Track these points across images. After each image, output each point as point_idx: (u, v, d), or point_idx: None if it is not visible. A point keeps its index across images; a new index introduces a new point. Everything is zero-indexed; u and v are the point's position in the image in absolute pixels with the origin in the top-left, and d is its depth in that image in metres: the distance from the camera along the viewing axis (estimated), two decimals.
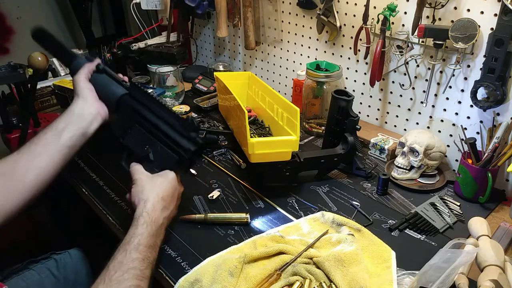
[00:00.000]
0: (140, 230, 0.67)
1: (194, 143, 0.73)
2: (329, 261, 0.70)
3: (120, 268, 0.61)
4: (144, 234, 0.67)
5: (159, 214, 0.71)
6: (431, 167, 0.99)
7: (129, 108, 0.76)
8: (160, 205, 0.71)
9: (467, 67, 0.96)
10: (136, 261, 0.63)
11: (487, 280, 0.65)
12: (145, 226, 0.67)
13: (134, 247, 0.64)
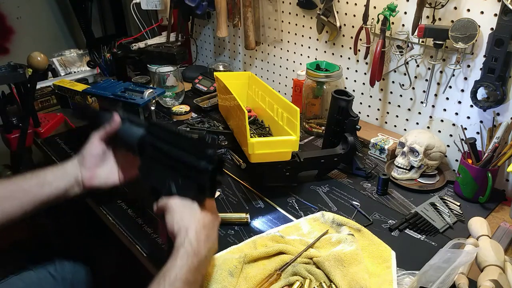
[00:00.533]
0: (179, 263, 0.58)
1: (210, 162, 0.66)
2: (329, 261, 0.70)
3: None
4: (183, 267, 0.58)
5: (203, 244, 0.61)
6: (431, 167, 0.99)
7: (149, 147, 0.74)
8: (203, 234, 0.62)
9: (467, 67, 0.96)
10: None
11: (487, 280, 0.65)
12: (186, 258, 0.59)
13: (170, 283, 0.56)
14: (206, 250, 0.61)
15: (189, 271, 0.58)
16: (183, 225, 0.61)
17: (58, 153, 1.11)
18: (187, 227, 0.61)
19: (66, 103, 1.35)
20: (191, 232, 0.61)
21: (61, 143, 1.16)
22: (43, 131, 1.20)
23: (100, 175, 0.77)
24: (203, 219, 0.63)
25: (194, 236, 0.60)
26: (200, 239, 0.61)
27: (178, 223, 0.62)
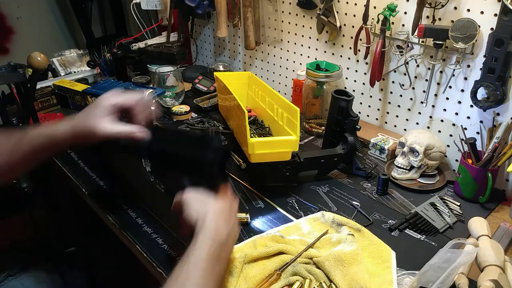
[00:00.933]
0: (198, 246, 0.59)
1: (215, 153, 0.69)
2: (329, 261, 0.70)
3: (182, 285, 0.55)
4: (203, 251, 0.58)
5: (221, 228, 0.62)
6: (431, 167, 0.99)
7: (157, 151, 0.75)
8: (221, 219, 0.63)
9: (467, 67, 0.96)
10: (194, 278, 0.56)
11: (487, 280, 0.65)
12: (205, 243, 0.59)
13: (191, 266, 0.57)
14: (226, 234, 0.62)
15: (209, 255, 0.58)
16: (200, 214, 0.62)
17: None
18: (204, 215, 0.62)
19: (66, 103, 1.35)
20: (208, 218, 0.62)
21: None
22: None
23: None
24: (219, 205, 0.64)
25: (212, 222, 0.61)
26: (218, 224, 0.62)
27: (195, 213, 0.63)
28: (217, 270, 0.59)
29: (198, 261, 0.57)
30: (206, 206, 0.64)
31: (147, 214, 0.88)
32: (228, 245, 0.63)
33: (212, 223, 0.61)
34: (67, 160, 1.08)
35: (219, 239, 0.61)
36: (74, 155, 1.10)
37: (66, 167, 1.05)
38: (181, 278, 0.56)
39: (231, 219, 0.65)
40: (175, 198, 0.67)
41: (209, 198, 0.66)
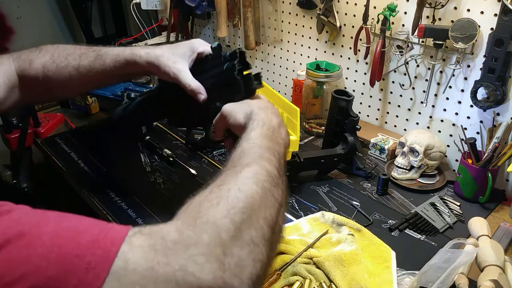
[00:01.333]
0: (250, 126, 0.56)
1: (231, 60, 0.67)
2: (329, 261, 0.70)
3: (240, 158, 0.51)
4: (256, 129, 0.56)
5: (272, 116, 0.59)
6: (431, 167, 0.99)
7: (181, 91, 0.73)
8: (269, 110, 0.61)
9: (467, 67, 0.96)
10: (255, 148, 0.52)
11: (487, 280, 0.65)
12: (256, 123, 0.57)
13: (250, 142, 0.53)
14: (277, 122, 0.59)
15: (262, 134, 0.55)
16: (246, 112, 0.60)
17: (58, 153, 1.11)
18: (250, 110, 0.60)
19: (66, 103, 1.35)
20: (255, 109, 0.60)
21: (61, 143, 1.16)
22: (43, 131, 1.20)
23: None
24: (262, 101, 0.63)
25: (260, 111, 0.59)
26: (267, 113, 0.59)
27: (242, 113, 0.61)
28: (273, 148, 0.54)
29: (252, 139, 0.54)
30: (250, 105, 0.62)
31: (147, 214, 0.88)
32: (281, 132, 0.59)
33: (261, 111, 0.59)
34: (67, 160, 1.08)
35: (271, 124, 0.58)
36: (74, 155, 1.10)
37: (66, 168, 1.05)
38: (236, 156, 0.52)
39: (278, 115, 0.62)
40: (214, 120, 0.66)
41: (248, 102, 0.63)
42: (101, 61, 0.72)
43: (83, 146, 1.13)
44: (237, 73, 0.67)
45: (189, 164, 1.04)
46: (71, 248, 0.34)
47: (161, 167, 1.04)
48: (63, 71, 0.72)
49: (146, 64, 0.70)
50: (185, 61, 0.70)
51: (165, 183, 0.98)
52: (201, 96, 0.69)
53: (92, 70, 0.72)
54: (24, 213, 0.37)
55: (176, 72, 0.69)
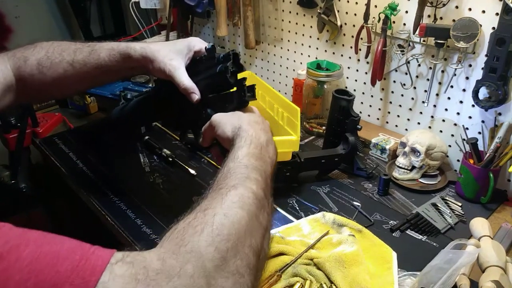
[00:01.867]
0: (238, 144, 0.55)
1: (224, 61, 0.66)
2: (329, 262, 0.70)
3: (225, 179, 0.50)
4: (243, 147, 0.55)
5: (260, 132, 0.59)
6: (432, 167, 0.98)
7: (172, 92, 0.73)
8: (257, 125, 0.60)
9: (468, 67, 0.95)
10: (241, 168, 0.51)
11: (488, 281, 0.65)
12: (244, 140, 0.56)
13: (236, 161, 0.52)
14: (265, 139, 0.58)
15: (249, 153, 0.54)
16: (235, 126, 0.59)
17: (56, 153, 1.11)
18: (239, 125, 0.59)
19: (65, 103, 1.34)
20: (244, 125, 0.59)
21: (59, 143, 1.15)
22: (41, 131, 1.19)
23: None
24: (252, 116, 0.63)
25: (248, 127, 0.59)
26: (256, 129, 0.59)
27: (230, 126, 0.60)
28: (260, 167, 0.53)
29: (238, 158, 0.52)
30: (239, 119, 0.61)
31: (146, 215, 0.87)
32: (269, 150, 0.58)
33: (249, 127, 0.58)
34: (66, 161, 1.07)
35: (259, 142, 0.57)
36: (73, 155, 1.10)
37: (64, 168, 1.05)
38: (222, 177, 0.50)
39: (267, 130, 0.62)
40: (203, 129, 0.65)
41: (238, 114, 0.63)
42: (95, 56, 0.71)
43: (81, 146, 1.12)
44: (230, 75, 0.66)
45: (188, 164, 1.04)
46: (50, 276, 0.33)
47: (160, 167, 1.04)
48: (57, 67, 0.71)
49: (141, 58, 0.69)
50: (181, 59, 0.69)
51: (164, 183, 0.97)
52: (194, 96, 0.67)
53: (86, 65, 0.71)
54: (4, 233, 0.35)
55: (171, 69, 0.67)
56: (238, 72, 0.68)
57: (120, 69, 0.73)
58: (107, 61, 0.71)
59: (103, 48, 0.71)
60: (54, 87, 0.73)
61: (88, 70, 0.71)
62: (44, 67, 0.70)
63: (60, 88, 0.75)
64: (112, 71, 0.73)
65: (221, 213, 0.43)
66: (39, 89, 0.73)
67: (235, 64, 0.67)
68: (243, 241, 0.42)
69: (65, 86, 0.74)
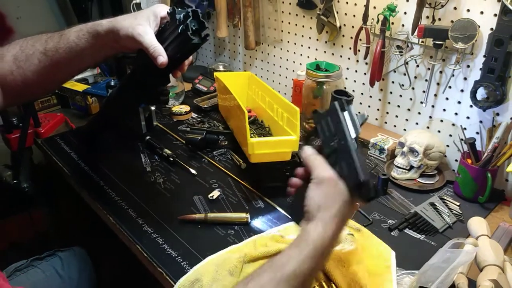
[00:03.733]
0: (301, 256, 0.51)
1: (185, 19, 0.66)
2: (328, 260, 0.70)
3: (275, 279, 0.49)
4: (305, 261, 0.51)
5: (330, 233, 0.53)
6: (430, 167, 0.99)
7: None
8: (335, 223, 0.53)
9: (466, 67, 0.96)
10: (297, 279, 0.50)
11: (486, 280, 0.65)
12: (309, 250, 0.51)
13: (285, 280, 0.50)
14: (331, 239, 0.53)
15: (308, 265, 0.51)
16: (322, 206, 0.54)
17: (58, 153, 1.11)
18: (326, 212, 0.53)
19: (67, 103, 1.35)
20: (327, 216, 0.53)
21: (61, 143, 1.16)
22: (43, 131, 1.20)
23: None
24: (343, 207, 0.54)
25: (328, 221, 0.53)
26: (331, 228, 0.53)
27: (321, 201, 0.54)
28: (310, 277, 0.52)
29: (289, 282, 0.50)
30: (332, 201, 0.54)
31: (147, 214, 0.88)
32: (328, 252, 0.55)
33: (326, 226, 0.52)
34: (67, 160, 1.08)
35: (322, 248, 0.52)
36: (74, 155, 1.10)
37: (66, 167, 1.05)
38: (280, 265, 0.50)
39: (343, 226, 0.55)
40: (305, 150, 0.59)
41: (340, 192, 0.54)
42: (65, 40, 0.71)
43: (82, 148, 1.12)
44: (192, 33, 0.66)
45: (189, 164, 1.04)
46: None
47: (161, 167, 1.05)
48: (32, 58, 0.71)
49: (109, 31, 0.68)
50: (148, 25, 0.69)
51: (165, 183, 0.98)
52: (160, 59, 0.67)
53: (58, 51, 0.71)
54: None
55: (140, 33, 0.67)
56: (201, 30, 0.68)
57: (93, 50, 0.72)
58: (78, 42, 0.70)
59: (72, 31, 0.71)
60: (34, 81, 0.73)
61: (61, 55, 0.71)
62: (21, 61, 0.71)
63: (40, 80, 0.74)
64: (85, 53, 0.72)
65: None
66: (21, 85, 0.72)
67: (197, 22, 0.67)
68: None
69: (44, 77, 0.73)
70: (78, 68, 0.76)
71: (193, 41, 0.67)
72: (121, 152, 1.11)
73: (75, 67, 0.76)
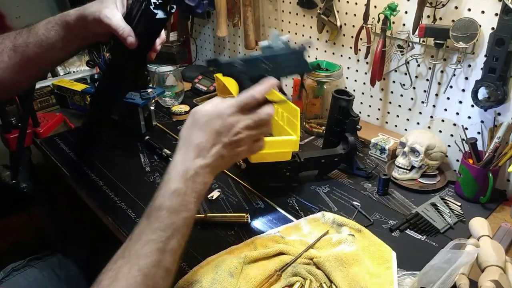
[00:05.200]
0: (163, 191, 0.55)
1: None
2: (329, 261, 0.70)
3: (141, 238, 0.54)
4: (165, 194, 0.55)
5: (190, 164, 0.55)
6: (432, 167, 0.98)
7: None
8: (192, 153, 0.56)
9: (468, 67, 0.96)
10: (157, 231, 0.54)
11: (488, 281, 0.65)
12: (169, 184, 0.55)
13: (155, 213, 0.54)
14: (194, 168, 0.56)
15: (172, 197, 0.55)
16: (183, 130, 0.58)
17: (57, 153, 1.11)
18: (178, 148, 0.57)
19: (65, 103, 1.35)
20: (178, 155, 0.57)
21: (60, 143, 1.16)
22: (42, 131, 1.19)
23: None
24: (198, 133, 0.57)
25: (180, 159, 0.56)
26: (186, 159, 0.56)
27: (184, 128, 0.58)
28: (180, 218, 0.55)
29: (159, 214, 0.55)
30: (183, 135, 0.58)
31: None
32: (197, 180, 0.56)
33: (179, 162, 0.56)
34: (66, 160, 1.08)
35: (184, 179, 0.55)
36: (73, 155, 1.10)
37: (65, 167, 1.05)
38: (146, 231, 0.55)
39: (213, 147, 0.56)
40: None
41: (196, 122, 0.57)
42: (34, 34, 0.70)
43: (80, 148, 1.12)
44: (155, 7, 0.66)
45: None
46: None
47: (160, 167, 1.04)
48: (2, 56, 0.70)
49: (78, 19, 0.68)
50: (115, 8, 0.68)
51: None
52: (129, 39, 0.66)
53: (28, 46, 0.70)
54: None
55: (104, 16, 0.66)
56: (166, 4, 0.67)
57: (64, 41, 0.71)
58: (47, 35, 0.69)
59: (40, 25, 0.70)
60: (6, 78, 0.72)
61: (32, 50, 0.70)
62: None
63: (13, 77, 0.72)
64: (56, 46, 0.71)
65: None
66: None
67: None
68: None
69: (16, 74, 0.72)
70: (50, 62, 0.75)
71: (157, 16, 0.66)
72: (120, 152, 1.11)
73: (47, 61, 0.74)
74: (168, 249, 0.54)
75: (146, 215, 0.56)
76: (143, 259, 0.52)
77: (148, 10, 0.66)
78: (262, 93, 0.58)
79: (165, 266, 0.54)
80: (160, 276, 0.53)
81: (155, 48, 0.75)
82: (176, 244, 0.55)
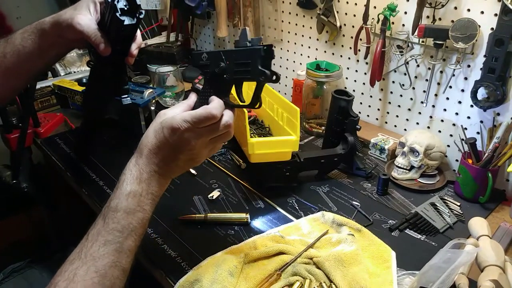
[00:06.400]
0: (118, 192, 0.57)
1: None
2: (329, 261, 0.70)
3: (97, 239, 0.54)
4: (121, 196, 0.56)
5: (143, 167, 0.57)
6: (431, 167, 0.99)
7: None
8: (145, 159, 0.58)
9: (467, 67, 0.96)
10: (114, 232, 0.55)
11: (487, 280, 0.65)
12: (124, 185, 0.57)
13: (111, 214, 0.55)
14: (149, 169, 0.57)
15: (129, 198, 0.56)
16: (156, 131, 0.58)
17: (58, 153, 1.11)
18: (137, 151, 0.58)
19: (66, 103, 1.35)
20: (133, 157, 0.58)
21: (60, 143, 1.16)
22: (42, 131, 1.19)
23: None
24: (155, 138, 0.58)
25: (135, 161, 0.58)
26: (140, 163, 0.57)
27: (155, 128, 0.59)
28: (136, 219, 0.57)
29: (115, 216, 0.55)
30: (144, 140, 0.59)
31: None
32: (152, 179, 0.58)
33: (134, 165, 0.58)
34: (67, 160, 1.08)
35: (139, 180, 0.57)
36: (73, 155, 1.10)
37: (66, 167, 1.05)
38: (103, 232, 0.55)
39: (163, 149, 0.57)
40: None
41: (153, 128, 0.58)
42: (11, 44, 0.70)
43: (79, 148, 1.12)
44: (122, 14, 0.65)
45: None
46: None
47: None
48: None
49: (53, 27, 0.67)
50: (88, 13, 0.68)
51: None
52: (101, 46, 0.66)
53: (6, 56, 0.69)
54: None
55: (76, 23, 0.66)
56: (135, 10, 0.66)
57: (41, 50, 0.70)
58: (24, 44, 0.69)
59: (17, 34, 0.70)
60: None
61: (9, 61, 0.70)
62: None
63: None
64: (34, 54, 0.70)
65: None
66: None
67: (128, 2, 0.66)
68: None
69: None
70: (28, 72, 0.74)
71: (124, 22, 0.66)
72: (121, 153, 1.11)
73: (25, 72, 0.74)
74: (125, 249, 0.55)
75: (102, 216, 0.56)
76: (100, 260, 0.53)
77: (115, 17, 0.66)
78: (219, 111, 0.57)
79: (122, 266, 0.54)
80: (117, 276, 0.54)
81: (131, 53, 0.74)
82: (133, 244, 0.56)
